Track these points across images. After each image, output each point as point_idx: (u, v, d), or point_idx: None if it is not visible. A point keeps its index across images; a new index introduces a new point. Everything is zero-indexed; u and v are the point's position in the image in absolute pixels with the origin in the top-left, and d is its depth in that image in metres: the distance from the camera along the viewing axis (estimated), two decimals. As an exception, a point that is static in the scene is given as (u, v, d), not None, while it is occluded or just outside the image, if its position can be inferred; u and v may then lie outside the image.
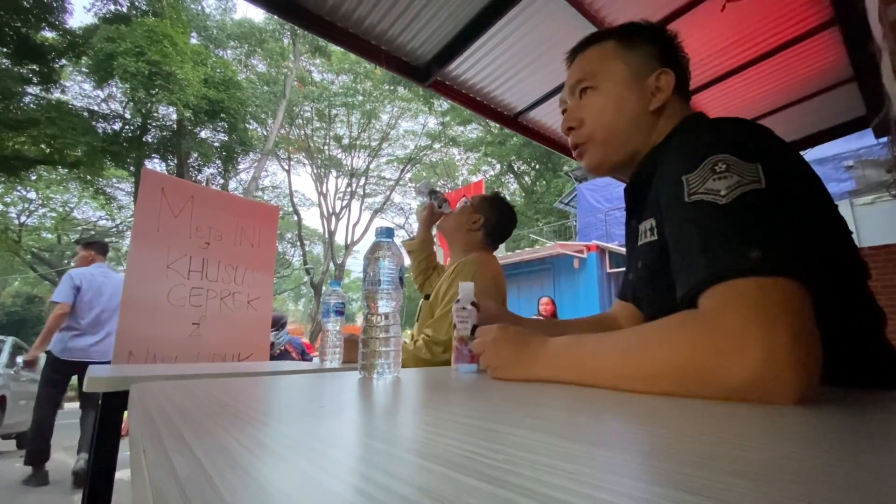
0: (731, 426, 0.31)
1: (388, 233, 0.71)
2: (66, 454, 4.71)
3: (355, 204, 20.93)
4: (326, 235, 20.21)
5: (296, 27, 10.55)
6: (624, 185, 0.78)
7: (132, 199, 15.92)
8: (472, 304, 0.83)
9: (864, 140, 5.18)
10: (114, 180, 16.23)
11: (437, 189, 1.67)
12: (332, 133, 19.95)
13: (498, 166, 21.35)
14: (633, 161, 0.73)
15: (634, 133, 0.72)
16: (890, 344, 0.55)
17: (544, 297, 5.32)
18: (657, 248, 0.61)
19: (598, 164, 0.75)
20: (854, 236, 0.56)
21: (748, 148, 0.49)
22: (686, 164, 0.52)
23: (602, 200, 10.31)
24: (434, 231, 1.74)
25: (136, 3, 13.61)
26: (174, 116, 14.31)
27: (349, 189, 20.61)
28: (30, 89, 12.32)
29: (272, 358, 4.23)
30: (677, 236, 0.52)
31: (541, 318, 5.07)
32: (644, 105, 0.71)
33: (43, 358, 3.38)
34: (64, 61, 13.11)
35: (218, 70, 14.73)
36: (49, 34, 12.48)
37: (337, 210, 20.24)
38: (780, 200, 0.46)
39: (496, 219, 1.58)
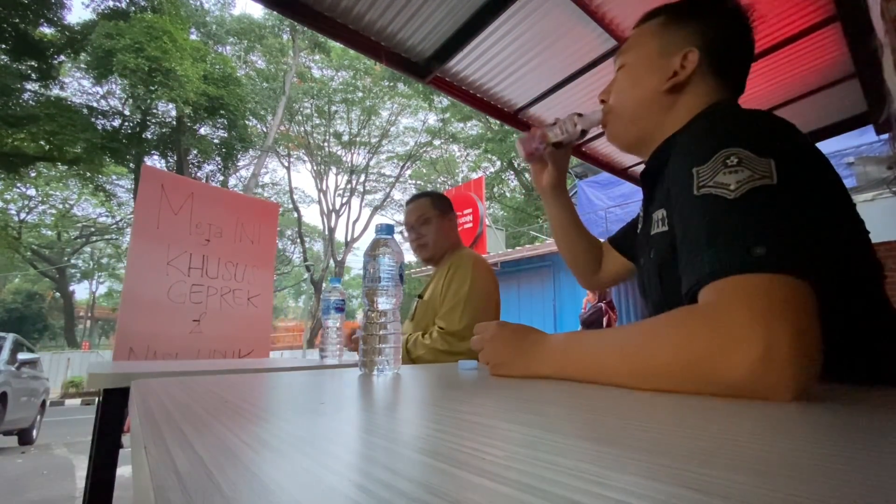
0: (732, 422, 0.31)
1: (388, 230, 0.71)
2: (67, 450, 4.73)
3: (355, 201, 20.95)
4: (326, 232, 20.23)
5: (295, 23, 10.52)
6: (625, 181, 0.79)
7: (132, 195, 15.92)
8: (583, 132, 0.82)
9: (865, 136, 5.17)
10: (113, 177, 16.23)
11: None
12: (331, 130, 19.93)
13: (498, 163, 21.31)
14: (648, 140, 0.73)
15: (645, 112, 0.71)
16: None
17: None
18: (668, 238, 0.61)
19: (613, 137, 0.78)
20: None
21: (763, 142, 0.48)
22: (698, 156, 0.51)
23: (602, 198, 10.28)
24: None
25: (135, 0, 13.55)
26: (174, 113, 14.29)
27: (349, 186, 20.61)
28: (28, 86, 12.30)
29: None
30: (684, 229, 0.52)
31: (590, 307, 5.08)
32: (660, 84, 0.69)
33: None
34: (62, 58, 13.09)
35: (217, 66, 14.69)
36: (47, 30, 12.45)
37: (337, 207, 20.26)
38: (791, 197, 0.45)
39: (451, 210, 1.67)
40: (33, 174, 14.42)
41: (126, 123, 14.49)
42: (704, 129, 0.55)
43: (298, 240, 20.65)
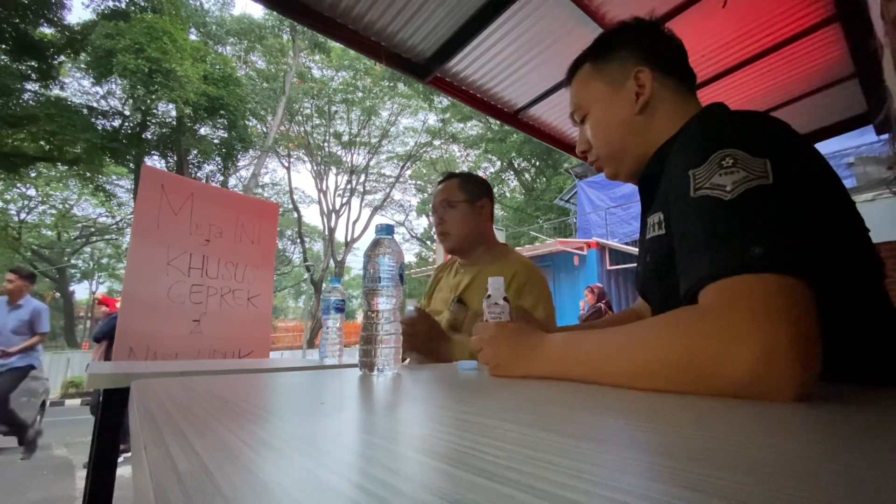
0: (732, 423, 0.31)
1: (388, 230, 0.71)
2: (67, 450, 4.72)
3: (355, 201, 20.95)
4: (326, 232, 20.22)
5: (295, 23, 10.52)
6: (626, 182, 0.80)
7: (132, 195, 15.91)
8: (504, 298, 0.83)
9: (865, 137, 5.17)
10: (113, 177, 16.22)
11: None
12: (331, 130, 19.92)
13: (498, 163, 21.32)
14: (645, 160, 0.74)
15: (630, 140, 0.74)
16: None
17: (588, 287, 5.29)
18: (665, 242, 0.61)
19: (614, 175, 0.81)
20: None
21: (758, 143, 0.49)
22: (694, 159, 0.51)
23: (604, 198, 10.29)
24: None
25: (135, 0, 13.55)
26: (174, 113, 14.27)
27: (349, 186, 20.60)
28: (28, 86, 12.29)
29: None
30: (682, 231, 0.52)
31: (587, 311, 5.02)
32: (630, 110, 0.72)
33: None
34: (63, 58, 13.08)
35: (217, 66, 14.68)
36: (48, 30, 12.44)
37: (337, 207, 20.25)
38: (788, 197, 0.45)
39: (491, 194, 1.47)
40: (33, 174, 14.41)
41: (126, 124, 14.48)
42: (699, 132, 0.56)
43: (298, 240, 20.65)
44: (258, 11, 21.46)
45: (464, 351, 1.17)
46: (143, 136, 14.62)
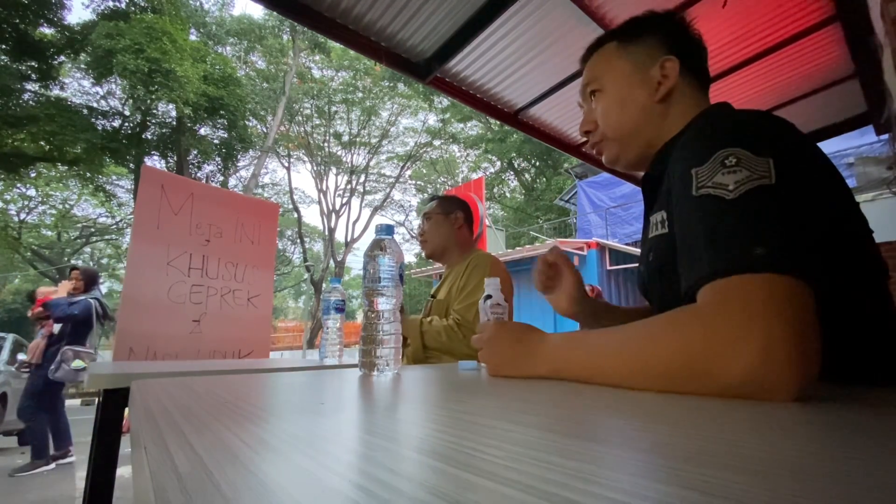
0: (731, 423, 0.31)
1: (388, 230, 0.71)
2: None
3: (355, 201, 20.95)
4: (326, 232, 20.22)
5: (295, 23, 10.52)
6: (625, 182, 0.80)
7: (132, 196, 15.90)
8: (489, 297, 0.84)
9: (865, 137, 5.17)
10: (113, 177, 16.21)
11: None
12: (331, 130, 19.92)
13: (498, 163, 21.33)
14: (649, 153, 0.74)
15: (644, 125, 0.72)
16: None
17: (587, 285, 5.36)
18: (667, 240, 0.61)
19: (615, 159, 0.78)
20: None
21: (761, 142, 0.48)
22: (697, 157, 0.51)
23: (603, 198, 10.29)
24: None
25: (135, 0, 13.55)
26: (174, 113, 14.27)
27: (349, 186, 20.60)
28: (28, 86, 12.30)
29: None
30: (684, 230, 0.52)
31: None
32: (650, 96, 0.71)
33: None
34: (63, 58, 13.08)
35: (217, 67, 14.68)
36: (47, 31, 12.45)
37: (337, 207, 20.25)
38: (790, 197, 0.45)
39: (466, 209, 1.70)
40: (33, 175, 14.40)
41: (126, 124, 14.48)
42: (703, 131, 0.56)
43: (298, 240, 20.64)
44: (258, 11, 21.47)
45: (408, 328, 1.45)
46: (143, 136, 14.62)
